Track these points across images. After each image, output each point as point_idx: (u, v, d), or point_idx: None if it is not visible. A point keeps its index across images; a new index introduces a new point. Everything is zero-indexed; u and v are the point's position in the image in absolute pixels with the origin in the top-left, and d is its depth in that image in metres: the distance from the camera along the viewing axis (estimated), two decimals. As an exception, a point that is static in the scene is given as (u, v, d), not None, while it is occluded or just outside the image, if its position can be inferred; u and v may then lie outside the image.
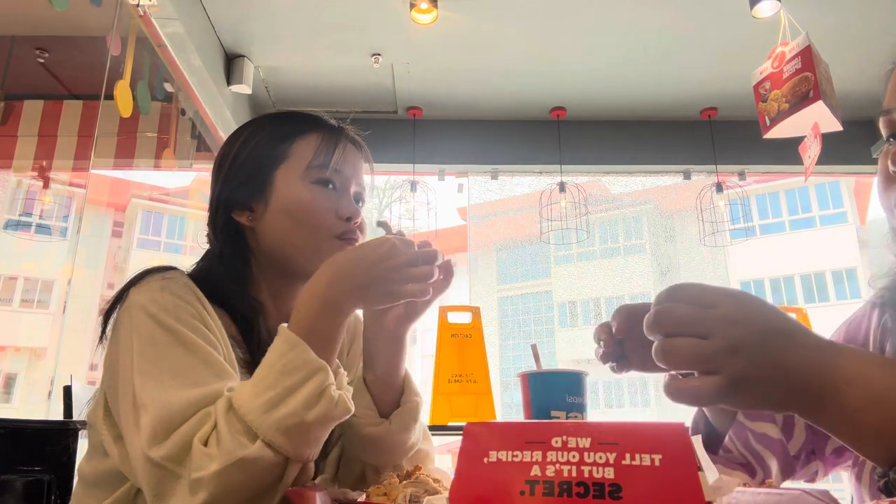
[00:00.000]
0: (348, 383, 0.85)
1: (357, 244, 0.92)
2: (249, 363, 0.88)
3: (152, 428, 0.70)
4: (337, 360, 0.79)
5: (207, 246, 1.01)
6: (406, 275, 0.79)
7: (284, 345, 0.74)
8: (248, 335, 0.90)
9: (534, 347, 0.88)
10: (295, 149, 0.96)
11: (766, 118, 2.18)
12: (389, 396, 0.90)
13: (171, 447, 0.69)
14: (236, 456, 0.67)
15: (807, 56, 2.04)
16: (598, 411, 9.69)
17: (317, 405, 0.71)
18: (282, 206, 0.93)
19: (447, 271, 0.88)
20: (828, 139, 2.02)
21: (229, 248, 0.96)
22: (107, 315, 0.86)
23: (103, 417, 0.83)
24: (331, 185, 0.95)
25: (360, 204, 1.00)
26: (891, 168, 0.71)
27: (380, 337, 0.90)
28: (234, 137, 1.02)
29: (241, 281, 0.95)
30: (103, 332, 0.85)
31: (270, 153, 0.96)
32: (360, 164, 1.03)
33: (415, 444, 0.91)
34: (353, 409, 0.76)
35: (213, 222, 0.99)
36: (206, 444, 0.69)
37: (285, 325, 0.76)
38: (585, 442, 0.48)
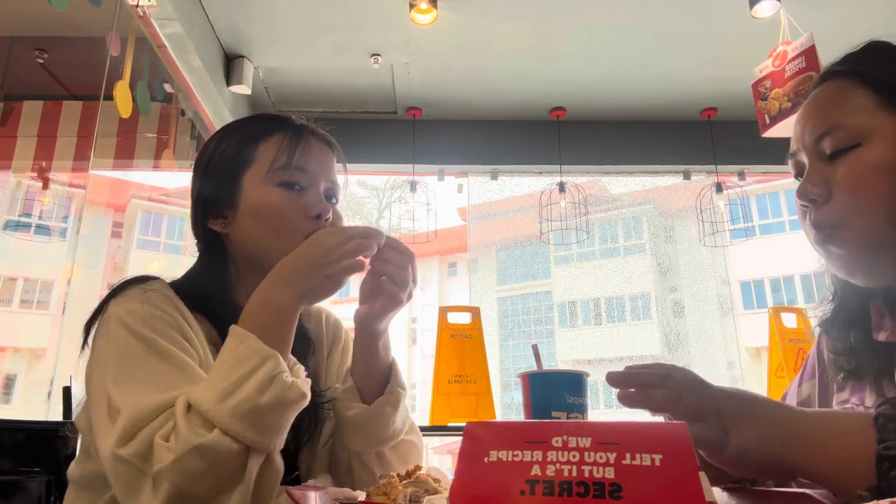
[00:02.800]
0: (336, 386, 0.91)
1: None
2: None
3: (123, 428, 0.72)
4: (293, 357, 0.81)
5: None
6: (338, 254, 0.80)
7: (235, 340, 0.76)
8: None
9: (534, 348, 0.88)
10: (259, 152, 0.96)
11: (766, 116, 2.18)
12: (373, 387, 0.93)
13: (137, 445, 0.70)
14: (192, 443, 0.68)
15: (811, 55, 2.04)
16: (598, 411, 9.68)
17: (269, 389, 0.72)
18: (249, 210, 0.94)
19: (402, 252, 0.88)
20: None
21: (208, 255, 0.98)
22: (88, 326, 0.88)
23: (88, 421, 0.85)
24: (297, 186, 0.95)
25: (333, 201, 1.00)
26: (798, 203, 0.80)
27: (358, 337, 0.93)
28: (205, 146, 1.03)
29: (221, 287, 0.96)
30: (84, 342, 0.87)
31: (236, 159, 0.96)
32: (330, 160, 1.01)
33: (396, 433, 0.93)
34: (308, 395, 0.77)
35: (194, 230, 1.00)
36: (166, 440, 0.70)
37: (235, 325, 0.79)
38: (586, 442, 0.47)
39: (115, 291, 0.88)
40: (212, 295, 0.93)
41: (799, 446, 0.60)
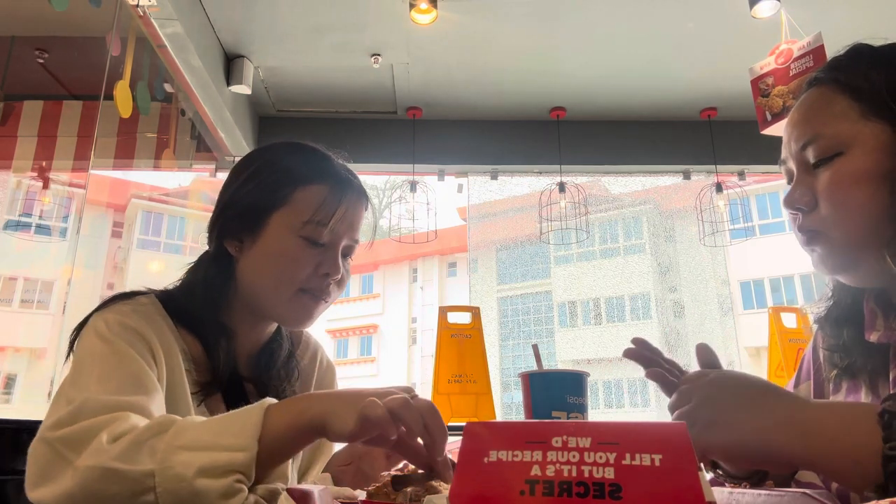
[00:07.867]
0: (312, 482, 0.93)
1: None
2: (208, 384, 0.90)
3: (58, 417, 0.72)
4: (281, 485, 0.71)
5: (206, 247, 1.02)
6: (383, 404, 0.67)
7: (255, 416, 0.69)
8: (212, 356, 0.93)
9: (535, 348, 0.88)
10: (297, 197, 0.95)
11: (767, 113, 2.17)
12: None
13: (71, 432, 0.69)
14: (113, 465, 0.65)
15: (820, 55, 2.04)
16: (598, 411, 9.69)
17: (215, 481, 0.64)
18: (266, 250, 0.95)
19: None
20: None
21: (213, 268, 0.98)
22: (73, 338, 0.89)
23: None
24: (321, 243, 0.96)
25: (350, 257, 1.01)
26: (786, 211, 0.82)
27: (345, 450, 0.98)
28: (246, 163, 1.02)
29: (213, 305, 0.96)
30: (69, 353, 0.89)
31: (271, 195, 0.96)
32: (360, 215, 1.01)
33: None
34: None
35: (209, 236, 1.01)
36: (115, 439, 0.67)
37: (274, 401, 0.72)
38: (585, 442, 0.47)
39: (101, 305, 0.89)
40: (201, 314, 0.94)
41: (799, 437, 0.60)
